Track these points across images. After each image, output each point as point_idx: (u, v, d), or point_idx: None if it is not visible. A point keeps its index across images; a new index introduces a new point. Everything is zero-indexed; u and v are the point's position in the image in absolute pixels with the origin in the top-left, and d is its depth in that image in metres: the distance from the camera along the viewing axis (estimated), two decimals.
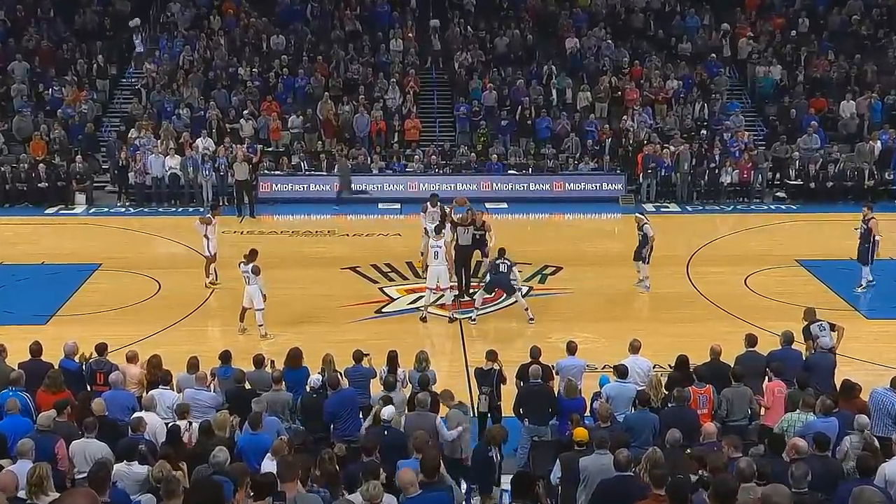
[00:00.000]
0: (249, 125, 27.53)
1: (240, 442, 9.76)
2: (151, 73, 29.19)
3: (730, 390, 11.04)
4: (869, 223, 17.83)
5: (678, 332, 15.73)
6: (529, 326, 16.34)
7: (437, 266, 16.52)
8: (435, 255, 16.47)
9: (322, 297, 18.05)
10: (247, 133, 27.35)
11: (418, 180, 26.12)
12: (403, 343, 13.65)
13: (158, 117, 27.80)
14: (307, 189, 26.26)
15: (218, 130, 27.34)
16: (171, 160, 25.76)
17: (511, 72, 29.79)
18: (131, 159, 25.74)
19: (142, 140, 26.28)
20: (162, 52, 30.45)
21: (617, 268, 19.36)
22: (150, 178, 25.69)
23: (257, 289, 15.68)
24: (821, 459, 8.84)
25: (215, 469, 8.31)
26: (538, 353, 11.89)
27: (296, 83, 29.09)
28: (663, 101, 28.63)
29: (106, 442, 9.32)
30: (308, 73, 29.26)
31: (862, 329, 16.34)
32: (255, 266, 15.71)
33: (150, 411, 10.31)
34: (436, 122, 29.49)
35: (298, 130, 27.65)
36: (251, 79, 29.13)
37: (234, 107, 28.21)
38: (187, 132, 26.78)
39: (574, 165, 26.89)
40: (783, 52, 30.61)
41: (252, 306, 15.79)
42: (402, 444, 9.61)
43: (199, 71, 29.45)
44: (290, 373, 11.76)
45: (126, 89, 30.07)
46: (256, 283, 15.65)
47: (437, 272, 16.57)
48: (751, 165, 25.89)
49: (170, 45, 30.62)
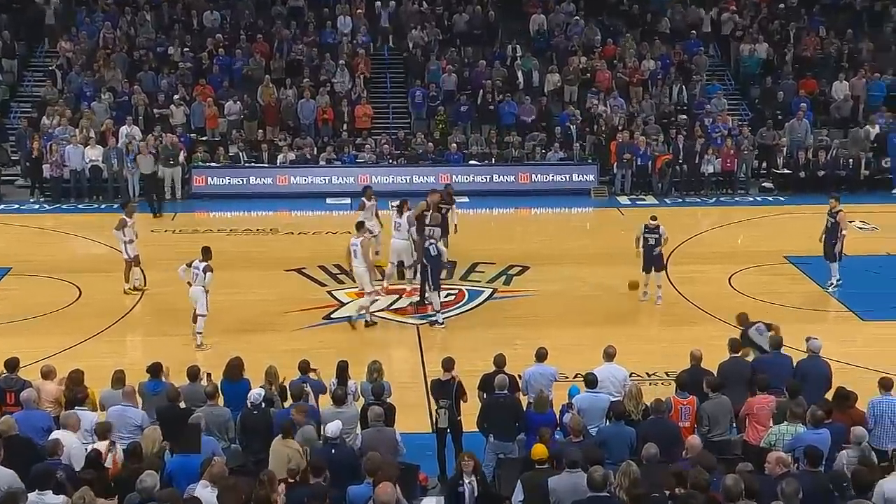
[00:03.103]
0: (181, 112, 27.30)
1: (169, 465, 9.65)
2: (67, 52, 28.78)
3: (709, 403, 11.10)
4: (837, 216, 18.03)
5: (658, 337, 15.85)
6: (493, 332, 16.35)
7: (357, 267, 16.56)
8: (354, 255, 16.49)
9: (264, 303, 17.93)
10: (178, 120, 27.11)
11: (370, 173, 26.03)
12: (354, 352, 13.58)
13: (76, 102, 27.45)
14: (247, 183, 26.11)
15: (145, 117, 27.05)
16: (92, 151, 25.41)
17: (472, 52, 29.84)
18: (45, 150, 25.36)
19: (57, 128, 25.91)
20: (79, 29, 30.03)
21: (590, 267, 19.45)
22: (67, 171, 25.32)
23: (202, 291, 15.71)
24: (812, 475, 8.95)
25: (143, 496, 8.19)
26: (503, 362, 11.89)
27: (233, 65, 28.89)
28: (638, 84, 28.84)
29: (15, 468, 9.13)
30: (246, 54, 29.07)
31: (858, 332, 16.60)
32: (209, 265, 15.79)
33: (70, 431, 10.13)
34: (389, 108, 29.43)
35: (236, 118, 27.45)
36: (182, 59, 28.89)
37: (162, 91, 27.94)
38: (110, 119, 26.45)
39: (541, 155, 27.00)
40: (770, 28, 30.98)
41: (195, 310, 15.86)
42: (354, 465, 9.57)
43: (122, 50, 29.13)
44: (228, 386, 11.67)
45: (37, 70, 29.64)
46: (203, 283, 15.70)
47: (357, 274, 16.61)
48: (734, 153, 26.15)
49: (88, 21, 30.21)
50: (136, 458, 9.50)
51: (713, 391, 11.18)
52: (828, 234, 18.14)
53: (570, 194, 26.05)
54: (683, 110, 28.26)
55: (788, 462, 9.04)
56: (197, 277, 15.77)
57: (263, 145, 26.83)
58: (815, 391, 11.64)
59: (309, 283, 19.05)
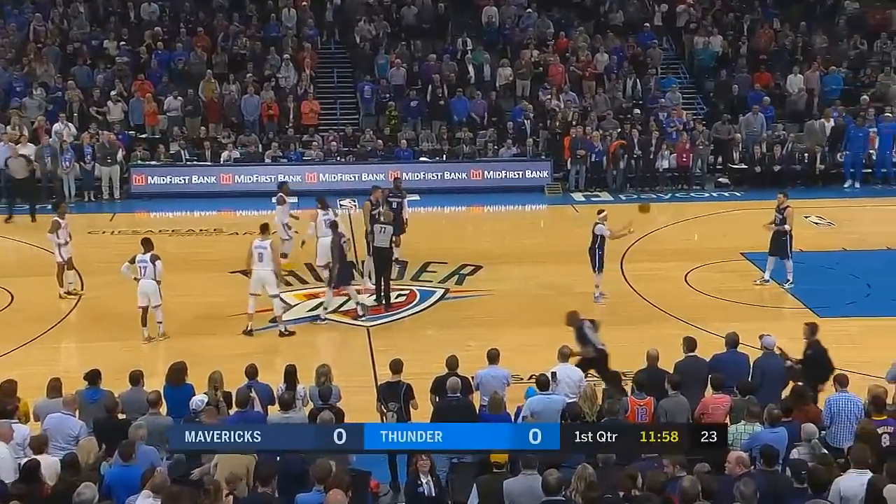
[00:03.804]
0: (118, 108, 26.99)
1: (107, 476, 9.54)
2: None
3: (668, 401, 11.21)
4: (785, 212, 18.29)
5: (613, 337, 15.87)
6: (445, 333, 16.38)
7: (261, 270, 16.36)
8: (259, 258, 16.34)
9: (208, 306, 17.82)
10: (115, 117, 26.82)
11: (317, 171, 25.98)
12: (303, 356, 13.51)
13: (6, 98, 27.02)
14: (189, 182, 25.90)
15: (80, 114, 26.72)
16: (24, 149, 24.99)
17: (421, 45, 29.81)
18: None
19: None
20: (7, 20, 29.58)
21: (544, 266, 19.53)
22: None
23: (154, 283, 15.81)
24: (767, 474, 9.07)
25: None
26: (455, 364, 11.92)
27: (172, 59, 28.61)
28: (592, 78, 29.03)
29: None
30: (187, 48, 28.81)
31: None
32: (155, 254, 15.86)
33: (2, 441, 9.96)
34: (336, 103, 29.35)
35: (177, 114, 27.21)
36: (119, 54, 28.56)
37: (98, 86, 27.58)
38: (42, 116, 26.10)
39: (494, 151, 27.07)
40: (724, 20, 31.35)
41: (149, 303, 15.90)
42: (302, 472, 9.52)
43: (54, 44, 28.71)
44: (171, 391, 11.60)
45: None
46: (154, 276, 15.77)
47: (261, 278, 16.40)
48: (690, 148, 26.42)
49: (17, 12, 29.74)
50: (74, 470, 9.37)
51: (673, 389, 11.29)
52: (777, 231, 18.37)
53: (524, 191, 26.15)
54: (638, 105, 28.48)
55: (748, 462, 9.14)
56: (145, 270, 15.85)
57: (206, 143, 26.60)
58: (772, 389, 11.83)
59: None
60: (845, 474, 9.10)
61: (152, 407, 10.96)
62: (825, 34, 30.78)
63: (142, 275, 15.92)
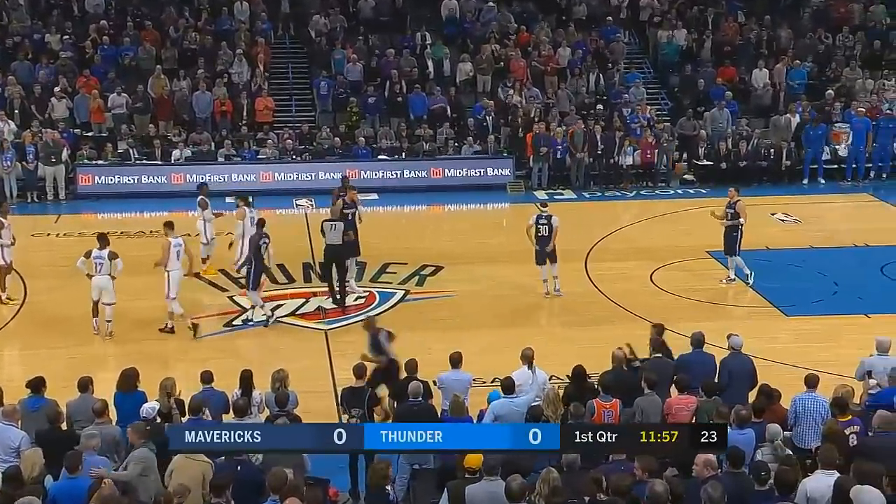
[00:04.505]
0: (63, 105, 26.73)
1: (52, 489, 9.43)
2: None
3: (644, 399, 11.27)
4: (736, 206, 18.44)
5: (577, 338, 16.05)
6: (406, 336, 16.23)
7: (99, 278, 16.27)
8: (98, 269, 16.26)
9: (159, 310, 17.62)
10: (59, 115, 26.56)
11: (273, 170, 25.89)
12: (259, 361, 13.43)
13: None
14: (138, 182, 25.71)
15: (22, 112, 26.43)
16: None
17: (379, 40, 29.76)
18: None
19: None
20: None
21: (506, 266, 19.56)
22: None
23: (109, 279, 15.93)
24: (734, 476, 9.14)
25: None
26: (415, 367, 11.93)
27: (119, 54, 28.37)
28: (554, 73, 29.14)
29: None
30: (134, 42, 28.60)
31: (781, 327, 17.04)
32: (113, 252, 15.98)
33: None
34: (291, 100, 29.26)
35: (123, 111, 26.99)
36: (62, 48, 28.26)
37: (41, 82, 27.27)
38: None
39: (454, 148, 27.10)
40: (688, 14, 31.58)
41: (101, 298, 16.01)
42: (258, 481, 9.46)
43: None
44: (122, 398, 11.52)
45: None
46: (110, 272, 15.89)
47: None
48: (654, 145, 26.61)
49: None
50: (16, 484, 9.24)
51: (649, 388, 11.37)
52: (728, 227, 18.52)
53: (485, 190, 26.19)
54: (601, 100, 28.62)
55: (716, 465, 9.20)
56: (101, 267, 15.91)
57: (156, 141, 26.36)
58: (740, 389, 11.94)
59: (208, 289, 18.84)
60: (812, 475, 9.20)
61: (98, 416, 10.81)
62: (790, 28, 31.12)
63: (97, 271, 15.94)
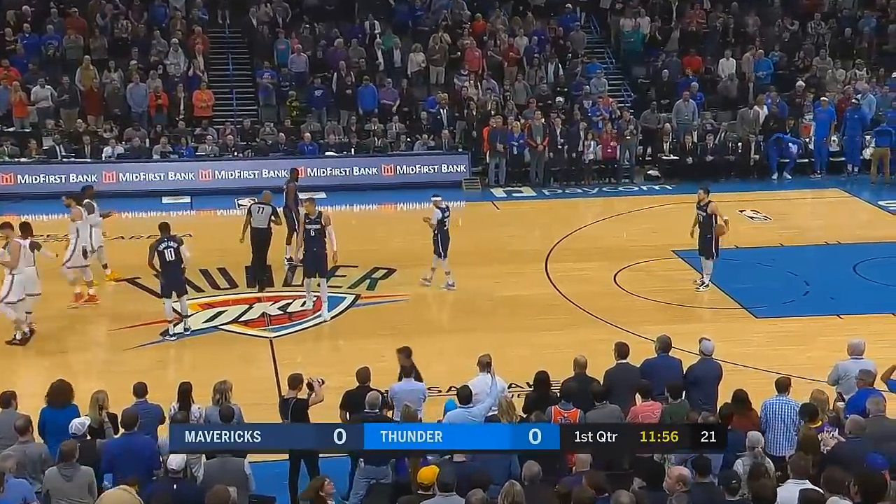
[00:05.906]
0: None
1: None
2: None
3: (594, 413, 11.30)
4: (708, 208, 18.52)
5: (538, 343, 16.11)
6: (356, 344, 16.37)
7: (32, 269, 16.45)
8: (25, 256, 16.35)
9: (90, 317, 17.55)
10: None
11: (212, 167, 25.77)
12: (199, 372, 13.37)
13: None
14: (66, 181, 25.34)
15: None
16: None
17: (325, 28, 29.73)
18: None
19: None
20: None
21: (462, 268, 19.57)
22: None
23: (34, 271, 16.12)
24: (703, 487, 9.25)
25: None
26: (367, 377, 11.91)
27: (42, 43, 28.13)
28: (512, 63, 29.27)
29: None
30: (59, 31, 28.39)
31: (751, 330, 17.23)
32: (35, 241, 16.07)
33: None
34: (232, 93, 29.15)
35: (49, 105, 26.76)
36: None
37: None
38: None
39: (406, 144, 27.14)
40: (652, 0, 31.81)
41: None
42: (199, 501, 9.41)
43: None
44: (51, 413, 11.34)
45: None
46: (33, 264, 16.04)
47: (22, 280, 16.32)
48: (617, 139, 26.79)
49: None
50: None
51: (598, 401, 11.42)
52: (701, 229, 18.61)
53: (440, 187, 26.06)
54: (561, 92, 28.78)
55: (688, 481, 9.24)
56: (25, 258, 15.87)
57: (85, 137, 26.23)
58: (708, 396, 12.06)
59: (144, 295, 18.68)
60: (784, 484, 9.32)
61: (21, 434, 10.66)
62: (757, 15, 31.47)
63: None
